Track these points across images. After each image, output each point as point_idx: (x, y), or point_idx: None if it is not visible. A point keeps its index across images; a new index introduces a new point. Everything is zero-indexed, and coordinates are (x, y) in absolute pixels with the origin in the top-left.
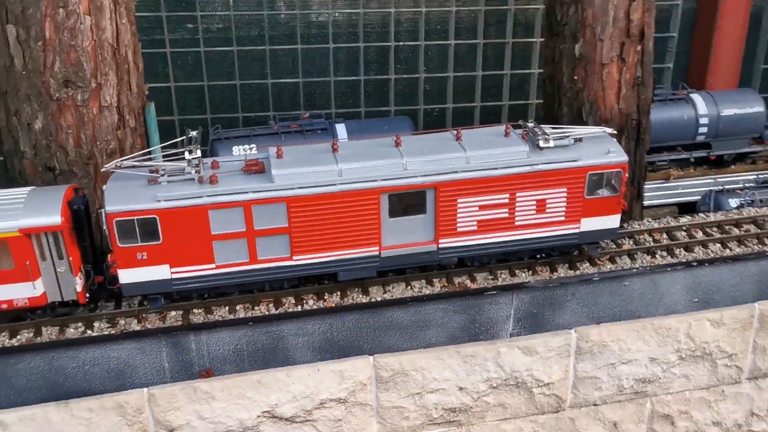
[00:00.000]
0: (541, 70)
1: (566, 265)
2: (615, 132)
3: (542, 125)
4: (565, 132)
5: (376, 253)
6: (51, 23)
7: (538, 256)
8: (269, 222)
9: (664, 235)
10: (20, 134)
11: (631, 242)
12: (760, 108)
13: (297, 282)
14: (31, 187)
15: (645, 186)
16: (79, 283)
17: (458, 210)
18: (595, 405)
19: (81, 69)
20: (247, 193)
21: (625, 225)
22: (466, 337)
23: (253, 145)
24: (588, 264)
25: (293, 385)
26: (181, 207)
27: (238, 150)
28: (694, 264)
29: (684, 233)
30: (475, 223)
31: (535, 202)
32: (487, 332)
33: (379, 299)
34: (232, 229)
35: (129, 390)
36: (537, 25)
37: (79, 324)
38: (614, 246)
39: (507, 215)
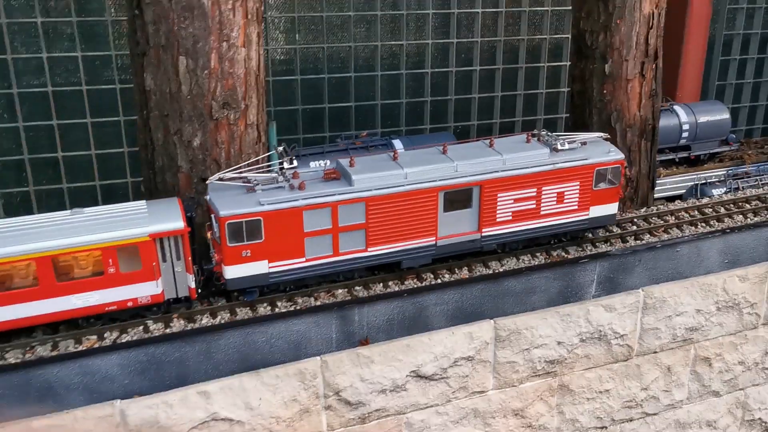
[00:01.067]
0: (548, 90)
1: (633, 237)
2: (608, 136)
3: (549, 133)
4: (571, 137)
5: (433, 242)
6: (216, 54)
7: (552, 241)
8: (351, 219)
9: (696, 212)
10: (178, 151)
11: (674, 218)
12: (726, 116)
13: (366, 271)
14: (144, 201)
15: None
16: (192, 280)
17: (498, 203)
18: (654, 353)
19: (235, 93)
20: (334, 195)
21: (662, 206)
22: (562, 300)
23: (327, 161)
24: (649, 235)
25: (434, 347)
26: (281, 209)
27: (314, 164)
28: (728, 231)
29: (710, 209)
30: (510, 213)
31: (556, 194)
32: (576, 295)
33: (500, 270)
34: (321, 226)
35: (306, 358)
36: (543, 52)
37: (265, 304)
38: (662, 222)
39: (534, 206)
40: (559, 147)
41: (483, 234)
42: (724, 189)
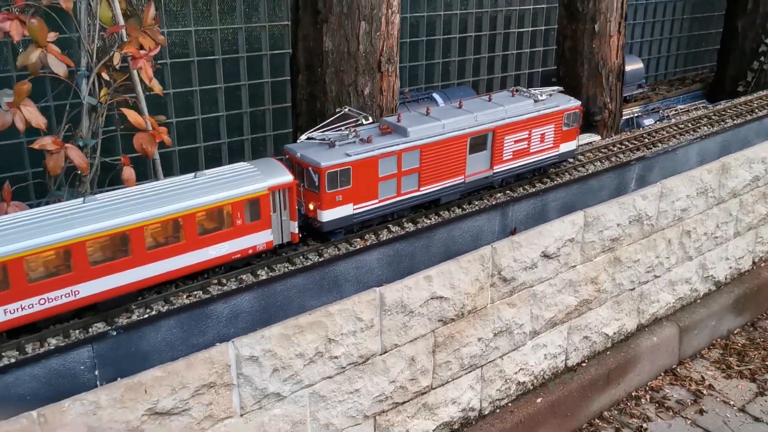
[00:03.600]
0: (517, 51)
1: (652, 145)
2: (563, 89)
3: (524, 88)
4: (538, 90)
5: (463, 180)
6: (384, 19)
7: (529, 176)
8: (410, 164)
9: (676, 127)
10: (352, 99)
11: (664, 132)
12: (641, 65)
13: (411, 210)
14: (245, 162)
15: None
16: (296, 226)
17: (504, 145)
18: (662, 229)
19: (393, 50)
20: (399, 145)
21: (653, 126)
22: (617, 193)
23: None
24: (661, 144)
25: (554, 232)
26: (364, 158)
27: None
28: (705, 137)
29: (683, 125)
30: (512, 153)
31: (540, 135)
32: (624, 190)
33: (591, 172)
34: (390, 171)
35: (483, 246)
36: (514, 22)
37: (454, 207)
38: (659, 135)
39: (526, 146)
40: (539, 98)
41: (494, 171)
42: (653, 119)
